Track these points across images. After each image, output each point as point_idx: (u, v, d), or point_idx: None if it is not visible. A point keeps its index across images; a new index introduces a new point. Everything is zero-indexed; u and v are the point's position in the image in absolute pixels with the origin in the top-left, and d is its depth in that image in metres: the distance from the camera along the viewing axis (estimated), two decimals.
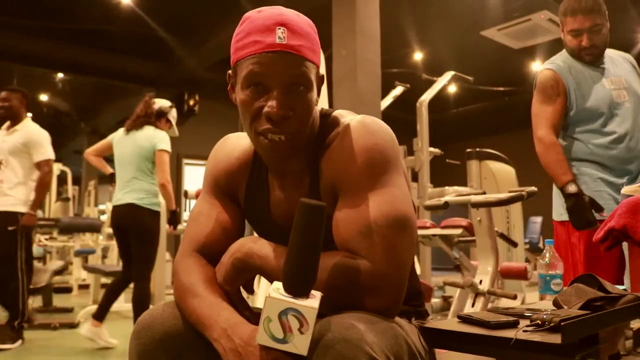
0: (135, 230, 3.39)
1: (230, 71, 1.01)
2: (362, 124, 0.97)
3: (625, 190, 1.73)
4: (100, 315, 3.48)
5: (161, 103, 3.64)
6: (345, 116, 1.02)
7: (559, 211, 2.14)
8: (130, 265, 3.47)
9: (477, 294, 2.55)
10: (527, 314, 0.97)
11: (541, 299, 1.48)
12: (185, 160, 8.94)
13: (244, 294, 1.01)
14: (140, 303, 3.33)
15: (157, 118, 3.57)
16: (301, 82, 0.93)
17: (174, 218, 3.78)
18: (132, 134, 3.49)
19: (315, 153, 1.01)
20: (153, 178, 3.48)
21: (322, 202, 0.80)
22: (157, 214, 3.48)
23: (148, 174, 3.46)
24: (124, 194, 3.42)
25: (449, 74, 5.67)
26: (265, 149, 0.96)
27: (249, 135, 1.00)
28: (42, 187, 3.71)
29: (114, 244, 5.95)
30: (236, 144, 1.12)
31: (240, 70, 0.95)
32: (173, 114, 3.70)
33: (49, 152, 3.74)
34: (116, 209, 3.46)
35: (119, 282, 3.60)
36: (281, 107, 0.91)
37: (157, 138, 3.46)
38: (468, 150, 4.67)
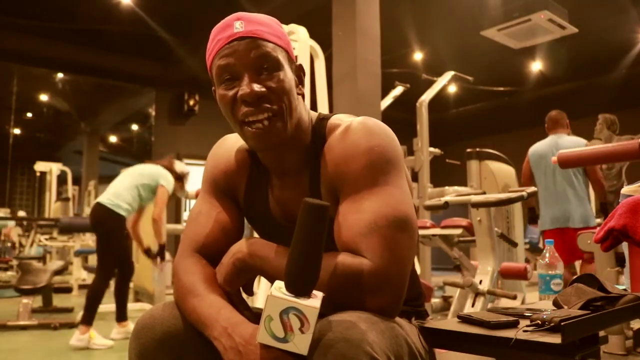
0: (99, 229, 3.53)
1: (213, 87, 1.02)
2: (364, 125, 0.97)
3: (625, 190, 1.73)
4: (120, 316, 3.76)
5: (181, 167, 3.90)
6: (345, 119, 1.02)
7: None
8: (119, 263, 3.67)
9: (477, 294, 2.55)
10: (527, 314, 0.97)
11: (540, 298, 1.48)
12: (185, 160, 8.93)
13: (243, 295, 1.01)
14: (91, 298, 3.47)
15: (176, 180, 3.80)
16: (267, 61, 0.94)
17: (162, 252, 3.98)
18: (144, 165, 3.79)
19: (313, 152, 1.01)
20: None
21: (326, 202, 0.80)
22: (120, 217, 3.53)
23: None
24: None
25: (449, 74, 5.67)
26: (252, 137, 0.96)
27: (236, 132, 1.00)
28: None
29: None
30: (235, 143, 1.12)
31: (213, 73, 0.98)
32: (187, 179, 3.96)
33: None
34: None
35: (118, 281, 3.79)
36: (253, 86, 0.92)
37: (162, 176, 3.66)
38: (468, 150, 4.66)
